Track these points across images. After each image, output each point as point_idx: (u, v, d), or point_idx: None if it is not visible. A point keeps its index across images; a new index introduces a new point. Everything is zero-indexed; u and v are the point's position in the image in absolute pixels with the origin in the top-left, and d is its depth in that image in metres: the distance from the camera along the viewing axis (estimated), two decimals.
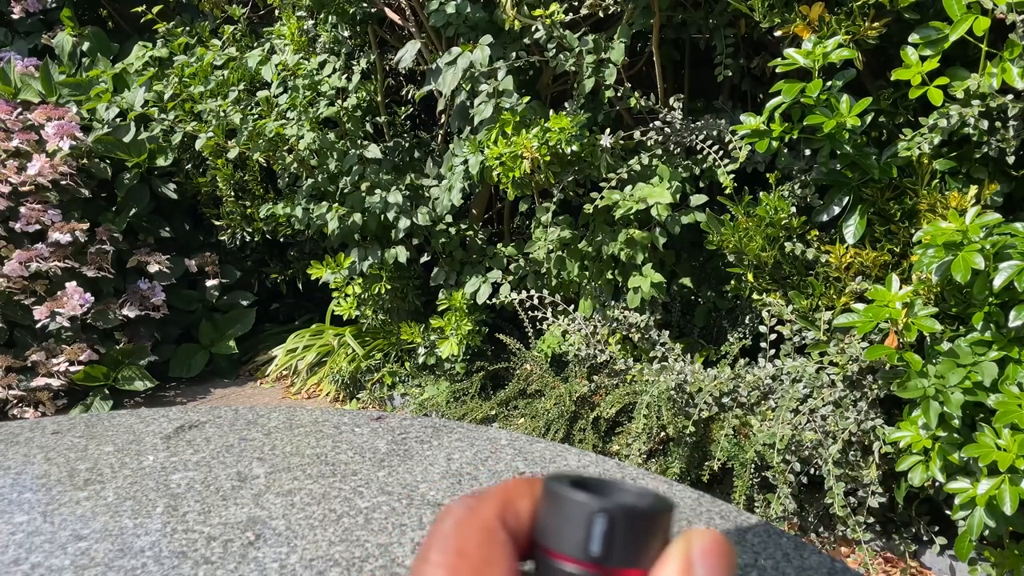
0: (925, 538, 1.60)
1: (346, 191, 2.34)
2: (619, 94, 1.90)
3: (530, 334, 2.18)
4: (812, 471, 1.57)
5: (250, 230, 2.77)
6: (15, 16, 3.19)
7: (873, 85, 1.72)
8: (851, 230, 1.52)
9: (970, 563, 1.44)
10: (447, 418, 1.90)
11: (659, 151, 1.90)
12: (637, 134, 1.90)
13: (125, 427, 0.76)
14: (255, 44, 2.67)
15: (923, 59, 1.41)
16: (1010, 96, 1.38)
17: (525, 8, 1.98)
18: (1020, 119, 1.40)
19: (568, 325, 1.96)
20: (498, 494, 0.24)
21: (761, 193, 1.65)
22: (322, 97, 2.34)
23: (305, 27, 2.48)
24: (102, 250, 2.64)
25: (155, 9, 2.65)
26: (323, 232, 2.44)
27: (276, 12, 2.59)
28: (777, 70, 1.50)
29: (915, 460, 1.39)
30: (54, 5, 3.25)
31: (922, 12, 1.48)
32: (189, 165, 2.87)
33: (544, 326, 2.05)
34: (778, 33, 1.56)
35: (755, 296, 1.72)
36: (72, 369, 2.49)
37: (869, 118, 1.50)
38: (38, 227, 2.53)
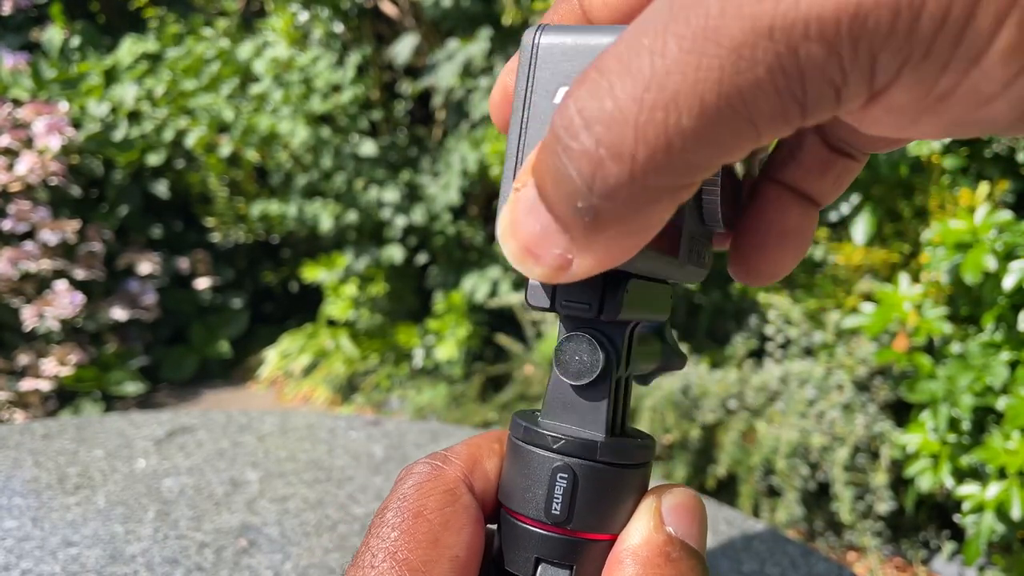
0: (934, 543, 1.58)
1: (341, 189, 2.31)
2: None
3: (530, 335, 2.14)
4: (820, 476, 1.54)
5: (244, 228, 2.72)
6: (5, 12, 3.14)
7: None
8: (860, 229, 1.50)
9: (979, 568, 1.42)
10: (445, 422, 1.87)
11: None
12: None
13: (116, 431, 0.74)
14: (247, 38, 2.63)
15: None
16: None
17: (524, 1, 1.95)
18: None
19: None
20: (464, 453, 0.23)
21: None
22: (316, 92, 2.30)
23: (299, 21, 2.45)
24: (92, 250, 2.59)
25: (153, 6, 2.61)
26: (315, 232, 2.41)
27: (272, 3, 2.55)
28: None
29: (924, 465, 1.36)
30: (44, 0, 3.21)
31: None
32: (183, 164, 2.83)
33: (545, 327, 2.02)
34: None
35: (761, 296, 1.70)
36: (62, 372, 2.45)
37: None
38: (27, 227, 2.49)
